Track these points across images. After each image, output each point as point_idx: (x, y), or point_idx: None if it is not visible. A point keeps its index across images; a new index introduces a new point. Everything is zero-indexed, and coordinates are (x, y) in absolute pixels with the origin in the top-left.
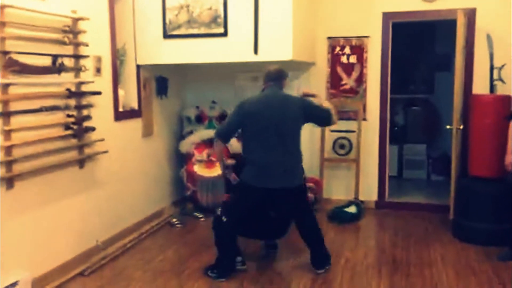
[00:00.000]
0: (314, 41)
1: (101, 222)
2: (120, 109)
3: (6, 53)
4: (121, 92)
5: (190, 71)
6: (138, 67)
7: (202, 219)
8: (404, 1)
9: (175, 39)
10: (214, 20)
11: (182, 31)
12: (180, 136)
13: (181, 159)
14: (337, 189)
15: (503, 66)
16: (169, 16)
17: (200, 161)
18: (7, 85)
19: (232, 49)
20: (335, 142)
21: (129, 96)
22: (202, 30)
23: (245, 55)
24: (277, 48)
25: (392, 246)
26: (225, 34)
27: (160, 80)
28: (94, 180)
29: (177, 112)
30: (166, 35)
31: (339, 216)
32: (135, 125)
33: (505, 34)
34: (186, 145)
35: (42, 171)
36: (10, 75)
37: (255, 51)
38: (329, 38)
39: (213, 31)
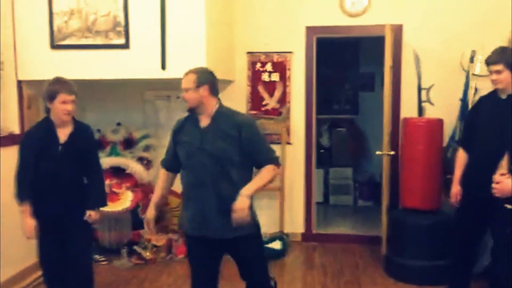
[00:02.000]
0: (232, 56)
1: None
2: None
3: None
4: None
5: (90, 88)
6: (20, 83)
7: (104, 262)
8: (329, 15)
9: (66, 49)
10: (113, 29)
11: (73, 40)
12: None
13: None
14: (260, 222)
15: (431, 86)
16: (57, 22)
17: None
18: None
19: (135, 63)
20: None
21: (8, 118)
22: (99, 41)
23: (151, 71)
24: (188, 63)
25: None
26: (126, 45)
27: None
28: None
29: None
30: (54, 45)
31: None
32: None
33: (433, 52)
34: None
35: None
36: None
37: (163, 66)
38: (248, 53)
39: (112, 42)
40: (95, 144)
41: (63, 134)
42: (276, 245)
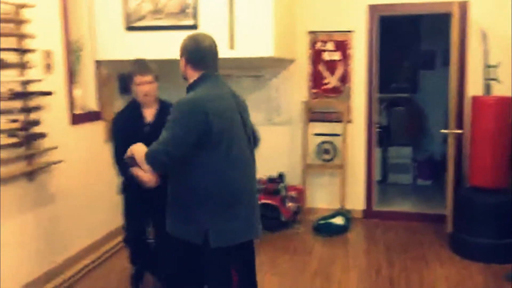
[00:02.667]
0: (293, 36)
1: (60, 240)
2: (77, 112)
3: None
4: (77, 92)
5: (159, 67)
6: (97, 63)
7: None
8: None
9: (139, 31)
10: (183, 11)
11: (146, 22)
12: None
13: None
14: (321, 198)
15: (498, 64)
16: (131, 5)
17: None
18: None
19: None
20: (318, 146)
21: (87, 96)
22: (170, 22)
23: (220, 51)
24: (256, 43)
25: (389, 265)
26: (195, 26)
27: (124, 78)
28: (47, 194)
29: None
30: (128, 27)
31: (325, 228)
32: (96, 129)
33: (501, 29)
34: None
35: None
36: None
37: (231, 46)
38: (310, 32)
39: (182, 22)
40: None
41: (149, 114)
42: (339, 220)
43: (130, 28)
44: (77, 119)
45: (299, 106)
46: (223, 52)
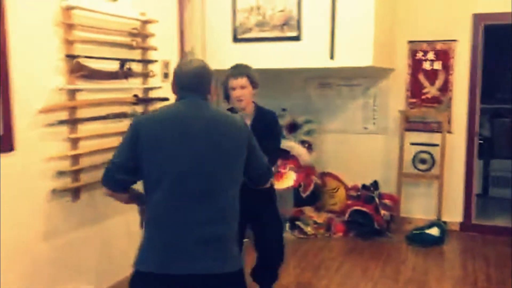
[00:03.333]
0: (393, 45)
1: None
2: None
3: (74, 57)
4: None
5: (262, 76)
6: None
7: None
8: (497, 1)
9: (245, 43)
10: (287, 23)
11: (252, 34)
12: None
13: None
14: (416, 208)
15: None
16: (240, 18)
17: None
18: (74, 91)
19: (306, 54)
20: (415, 156)
21: None
22: (274, 34)
23: (320, 60)
24: (355, 53)
25: (486, 279)
26: (298, 37)
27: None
28: None
29: None
30: (236, 39)
31: (420, 238)
32: None
33: None
34: None
35: None
36: (78, 81)
37: (331, 56)
38: (410, 42)
39: (285, 34)
40: (277, 131)
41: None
42: (434, 231)
43: (237, 40)
44: None
45: (396, 115)
46: (324, 62)
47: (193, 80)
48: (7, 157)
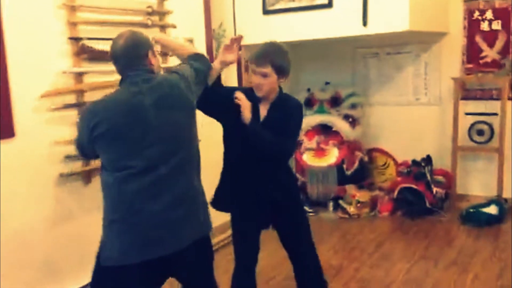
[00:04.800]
0: (445, 6)
1: None
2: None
3: (78, 39)
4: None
5: (302, 49)
6: (239, 48)
7: (311, 214)
8: None
9: (275, 14)
10: None
11: (282, 5)
12: None
13: None
14: (474, 184)
15: None
16: None
17: (309, 150)
18: (80, 74)
19: (337, 22)
20: (471, 127)
21: (229, 79)
22: (304, 2)
23: (352, 28)
24: (390, 17)
25: None
26: (329, 4)
27: None
28: None
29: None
30: (266, 11)
31: (474, 217)
32: None
33: None
34: None
35: None
36: (84, 63)
37: (364, 23)
38: (465, 1)
39: (315, 2)
40: (294, 125)
41: (263, 109)
42: (492, 209)
43: (267, 12)
44: None
45: (450, 83)
46: (356, 29)
47: (126, 56)
48: (7, 143)
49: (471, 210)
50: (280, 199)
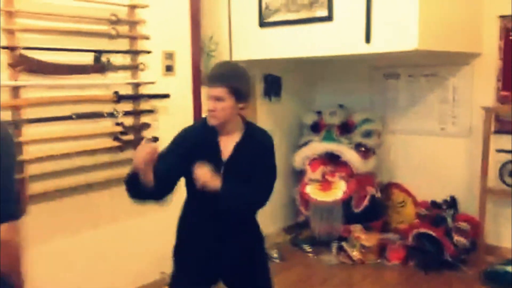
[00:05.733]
0: (477, 22)
1: None
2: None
3: (14, 48)
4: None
5: (315, 67)
6: None
7: (310, 254)
8: None
9: (272, 27)
10: (315, 0)
11: (279, 16)
12: (297, 147)
13: (296, 176)
14: (506, 235)
15: None
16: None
17: (313, 181)
18: (17, 88)
19: (337, 37)
20: (503, 166)
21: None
22: (302, 14)
23: (354, 45)
24: (396, 33)
25: None
26: (329, 17)
27: (270, 79)
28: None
29: (295, 117)
30: (262, 23)
31: (499, 277)
32: None
33: None
34: (299, 160)
35: (83, 189)
36: (22, 75)
37: (367, 39)
38: (502, 17)
39: (314, 14)
40: (271, 162)
41: (225, 144)
42: None
43: (263, 24)
44: None
45: (481, 112)
46: (358, 47)
47: None
48: None
49: (498, 267)
50: (238, 255)
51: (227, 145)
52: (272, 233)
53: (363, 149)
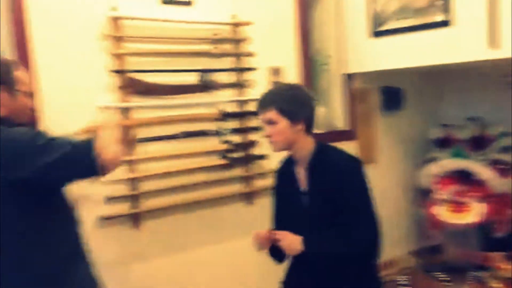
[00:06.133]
0: None
1: None
2: (318, 131)
3: (122, 72)
4: (320, 110)
5: (440, 76)
6: (347, 76)
7: (443, 283)
8: None
9: (385, 36)
10: (432, 4)
11: (392, 24)
12: (422, 164)
13: (422, 195)
14: None
15: None
16: (378, 5)
17: (443, 201)
18: (127, 109)
19: (458, 43)
20: None
21: (335, 114)
22: (417, 21)
23: (476, 51)
24: None
25: None
26: (447, 22)
27: (389, 92)
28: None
29: (418, 132)
30: (375, 32)
31: None
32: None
33: None
34: (425, 177)
35: (192, 207)
36: (132, 97)
37: (491, 44)
38: None
39: (430, 19)
40: (360, 184)
41: (303, 175)
42: None
43: (375, 34)
44: (318, 139)
45: None
46: (480, 53)
47: None
48: None
49: None
50: None
51: (302, 174)
52: (398, 257)
53: (502, 166)
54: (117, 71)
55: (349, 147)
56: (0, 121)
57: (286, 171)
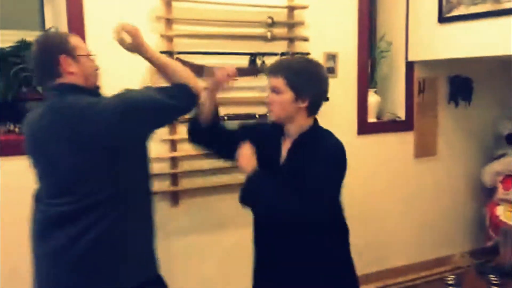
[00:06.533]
0: None
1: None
2: (371, 120)
3: (171, 53)
4: (373, 98)
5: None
6: (410, 64)
7: (495, 286)
8: None
9: (453, 22)
10: None
11: (462, 10)
12: (490, 161)
13: (485, 194)
14: None
15: None
16: None
17: (505, 201)
18: None
19: None
20: None
21: (393, 103)
22: (490, 6)
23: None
24: None
25: None
26: None
27: (457, 81)
28: None
29: (488, 126)
30: (442, 19)
31: None
32: (400, 141)
33: None
34: (489, 175)
35: (226, 189)
36: None
37: None
38: None
39: (504, 6)
40: (324, 167)
41: (285, 146)
42: None
43: (443, 20)
44: (369, 128)
45: None
46: None
47: (36, 66)
48: None
49: None
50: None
51: (285, 148)
52: (453, 256)
53: None
54: (166, 52)
55: (405, 138)
56: (88, 91)
57: (272, 137)
